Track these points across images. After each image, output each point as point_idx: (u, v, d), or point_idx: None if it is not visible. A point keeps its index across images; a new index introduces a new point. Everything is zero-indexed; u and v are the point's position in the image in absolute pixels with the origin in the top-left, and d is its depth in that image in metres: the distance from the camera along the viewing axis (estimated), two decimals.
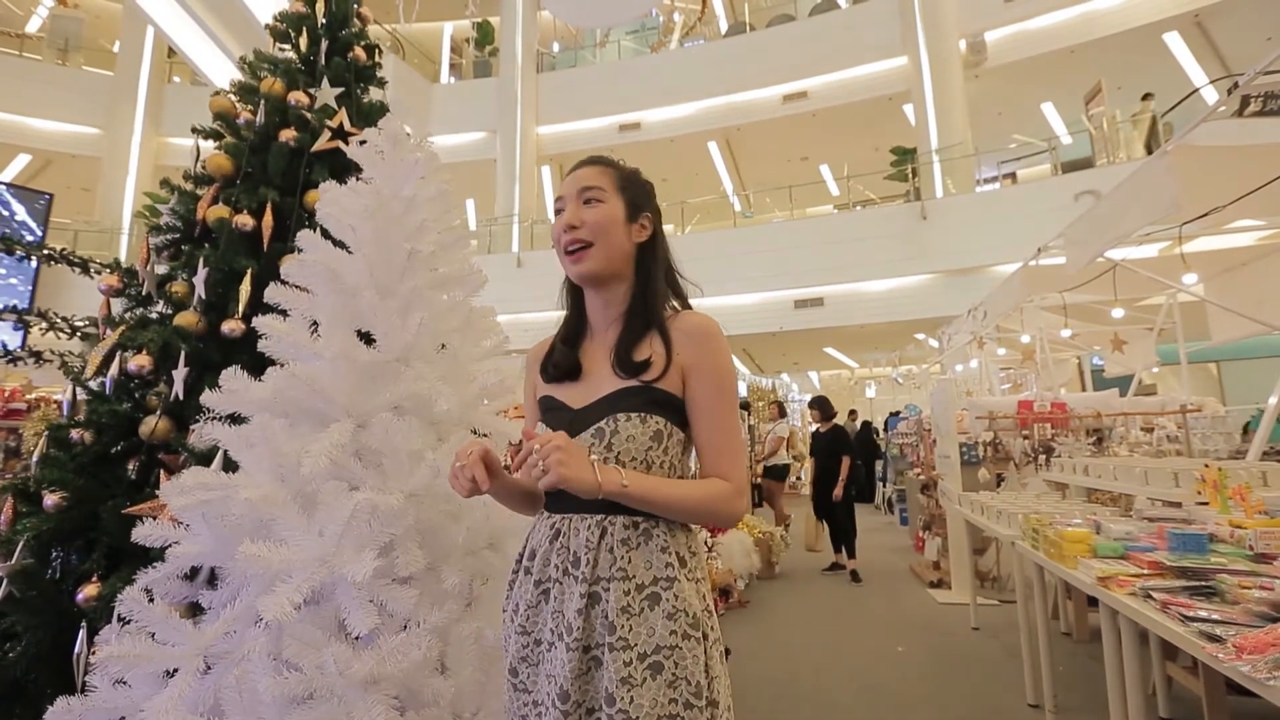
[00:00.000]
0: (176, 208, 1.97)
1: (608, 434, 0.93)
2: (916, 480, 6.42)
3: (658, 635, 0.86)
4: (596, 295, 1.04)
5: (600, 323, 1.05)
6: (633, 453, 0.92)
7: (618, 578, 0.89)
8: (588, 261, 0.99)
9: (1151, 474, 2.80)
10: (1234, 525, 1.95)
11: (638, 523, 0.92)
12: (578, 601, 0.88)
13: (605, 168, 1.05)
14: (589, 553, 0.90)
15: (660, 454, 0.94)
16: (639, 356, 0.96)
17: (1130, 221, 3.06)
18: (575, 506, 0.93)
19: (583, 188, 1.01)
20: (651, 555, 0.91)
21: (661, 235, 1.07)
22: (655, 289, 1.02)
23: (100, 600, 1.45)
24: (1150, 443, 4.61)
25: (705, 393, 0.96)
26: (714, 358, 0.97)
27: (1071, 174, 9.56)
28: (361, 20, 2.44)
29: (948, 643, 3.75)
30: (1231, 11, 9.36)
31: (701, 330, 0.98)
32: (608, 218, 1.00)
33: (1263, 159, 2.85)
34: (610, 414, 0.93)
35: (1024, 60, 10.79)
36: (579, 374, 1.01)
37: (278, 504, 1.16)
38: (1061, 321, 5.55)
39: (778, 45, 12.45)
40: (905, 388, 12.14)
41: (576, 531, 0.92)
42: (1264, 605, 1.36)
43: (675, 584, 0.89)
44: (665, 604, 0.88)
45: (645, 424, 0.92)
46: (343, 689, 1.04)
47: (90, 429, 1.69)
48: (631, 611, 0.87)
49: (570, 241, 0.99)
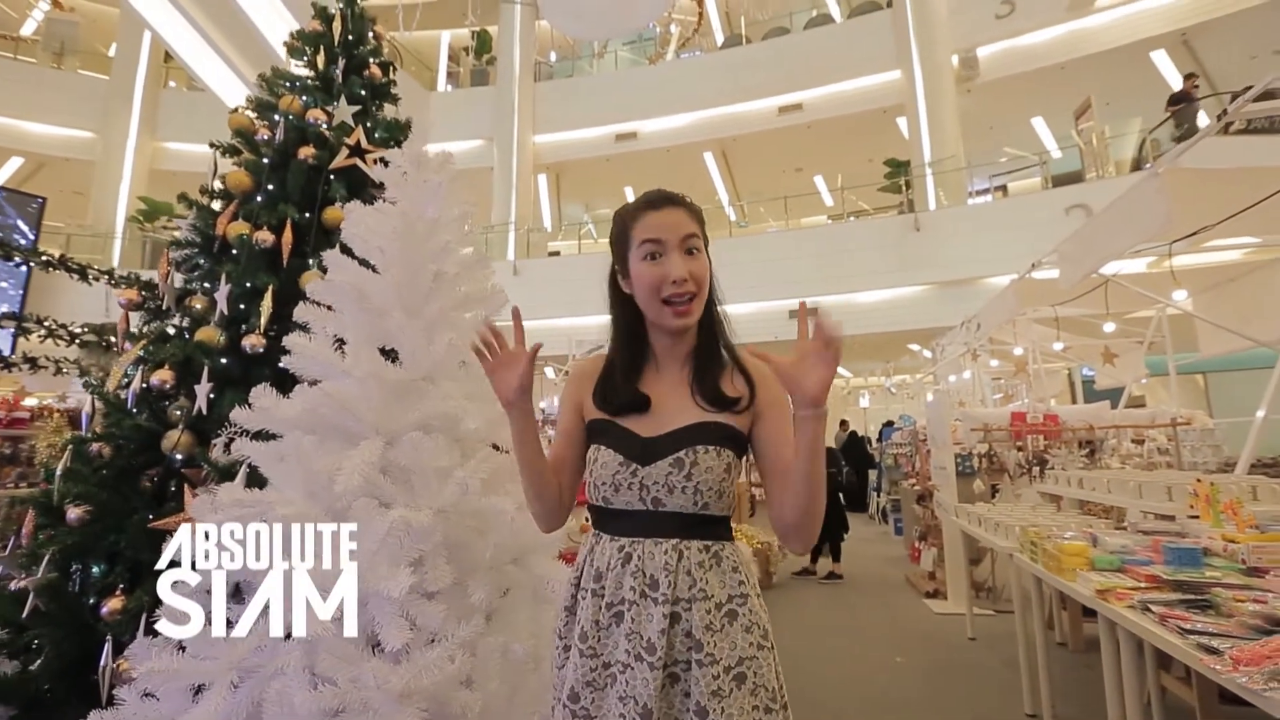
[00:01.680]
0: (196, 222, 2.00)
1: (687, 464, 0.97)
2: (912, 491, 6.48)
3: (739, 648, 0.93)
4: (669, 336, 1.05)
5: (667, 356, 1.07)
6: (710, 482, 0.97)
7: (699, 598, 0.94)
8: (692, 315, 1.01)
9: (1145, 488, 2.87)
10: (1227, 539, 2.01)
11: (709, 545, 0.97)
12: (660, 622, 0.92)
13: (694, 213, 1.06)
14: (668, 575, 0.94)
15: (729, 484, 1.00)
16: (729, 392, 1.01)
17: (1123, 240, 3.14)
18: (645, 531, 0.97)
19: (686, 235, 1.01)
20: (725, 575, 0.97)
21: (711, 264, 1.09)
22: (726, 326, 1.08)
23: (124, 614, 1.48)
24: (1141, 455, 4.69)
25: (783, 425, 1.01)
26: (783, 393, 1.02)
27: (1062, 188, 9.71)
28: (377, 38, 2.49)
29: (945, 653, 3.79)
30: (1216, 31, 9.58)
31: (768, 371, 1.02)
32: (706, 270, 1.03)
33: (1248, 180, 2.94)
34: (689, 445, 0.97)
35: (1015, 75, 10.98)
36: (648, 406, 1.03)
37: (310, 520, 1.19)
38: (1054, 334, 5.64)
39: (773, 58, 12.60)
40: (899, 398, 12.24)
41: (651, 555, 0.96)
42: (1258, 619, 1.41)
43: (747, 600, 0.97)
44: (742, 619, 0.95)
45: (720, 457, 0.98)
46: (378, 702, 1.07)
47: (111, 442, 1.71)
48: (715, 629, 0.93)
49: (679, 294, 1.00)
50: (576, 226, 15.42)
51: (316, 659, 1.13)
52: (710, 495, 0.97)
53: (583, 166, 14.52)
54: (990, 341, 6.31)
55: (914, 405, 11.40)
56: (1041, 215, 8.95)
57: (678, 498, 0.97)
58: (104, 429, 1.70)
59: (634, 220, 1.04)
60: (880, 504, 9.55)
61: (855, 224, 11.87)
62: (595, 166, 14.41)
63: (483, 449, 1.44)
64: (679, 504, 0.97)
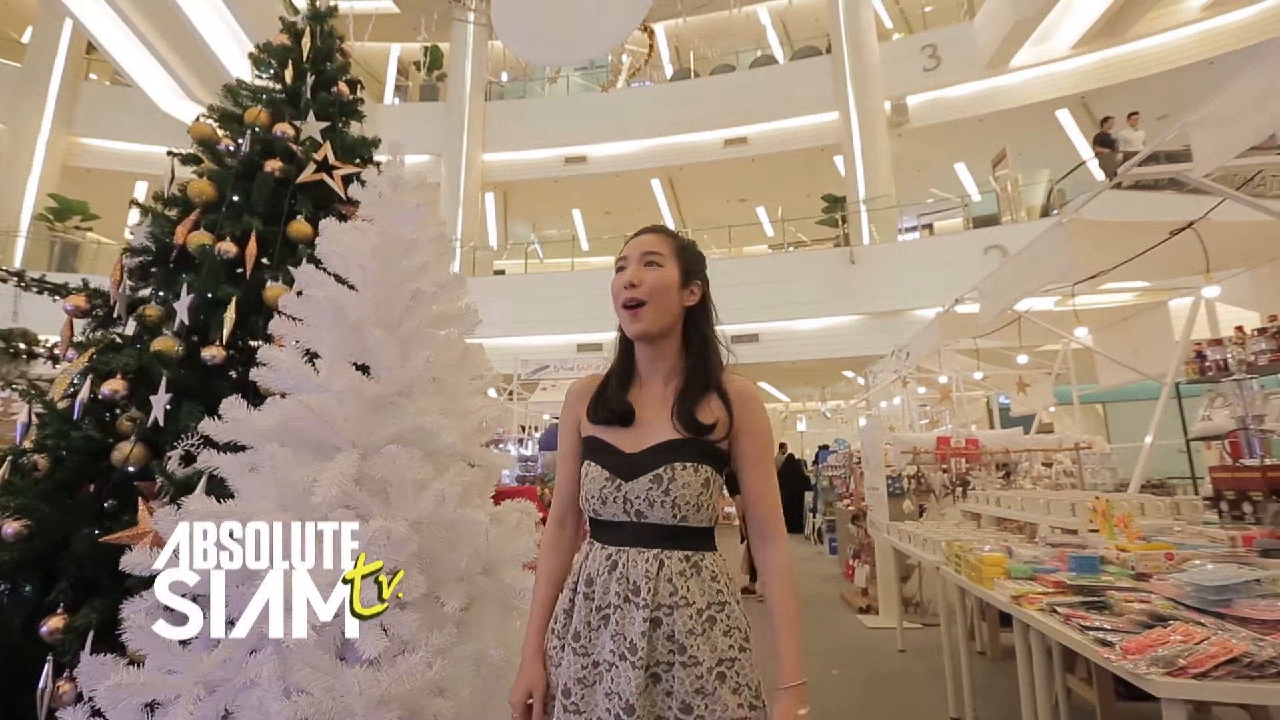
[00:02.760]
0: (152, 229, 1.96)
1: (665, 480, 1.04)
2: (846, 511, 6.77)
3: (719, 650, 1.00)
4: (645, 349, 1.14)
5: (649, 374, 1.15)
6: (687, 497, 1.04)
7: (680, 605, 1.01)
8: (641, 321, 1.09)
9: (1053, 505, 3.16)
10: (1119, 549, 2.26)
11: (689, 555, 1.04)
12: (641, 625, 0.99)
13: (666, 236, 1.16)
14: (649, 582, 1.01)
15: (708, 498, 1.06)
16: (703, 418, 1.07)
17: (1034, 281, 3.49)
18: (631, 541, 1.05)
19: (645, 251, 1.12)
20: (705, 584, 1.04)
21: (710, 300, 1.18)
22: (712, 352, 1.14)
23: (68, 633, 1.42)
24: (1050, 476, 5.11)
25: (757, 451, 1.10)
26: (762, 419, 1.12)
27: (981, 229, 10.54)
28: (344, 55, 2.51)
29: (878, 664, 3.99)
30: (1110, 96, 10.72)
31: (751, 395, 1.12)
32: (663, 281, 1.11)
33: (1138, 231, 3.34)
34: (668, 462, 1.05)
35: (940, 124, 11.90)
36: (632, 419, 1.11)
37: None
38: (974, 364, 6.09)
39: (720, 93, 13.14)
40: (833, 422, 12.74)
41: (635, 563, 1.03)
42: (1143, 615, 1.62)
43: (726, 606, 1.04)
44: (722, 623, 1.02)
45: (698, 473, 1.05)
46: (360, 709, 1.09)
47: (52, 454, 1.65)
48: (696, 633, 1.00)
49: (629, 299, 1.10)
50: (523, 246, 15.41)
51: (291, 669, 1.13)
52: (688, 509, 1.04)
53: (531, 187, 14.58)
54: (918, 370, 6.74)
55: (848, 430, 11.91)
56: (963, 253, 9.66)
57: (659, 510, 1.04)
58: (44, 439, 1.63)
59: (623, 247, 1.17)
60: (816, 525, 9.86)
61: (795, 255, 12.41)
62: (544, 187, 14.50)
63: (456, 463, 1.48)
64: (660, 516, 1.04)
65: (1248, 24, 9.52)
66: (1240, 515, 2.43)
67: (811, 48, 13.44)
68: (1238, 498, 2.49)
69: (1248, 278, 3.82)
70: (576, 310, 10.52)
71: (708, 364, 1.13)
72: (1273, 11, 9.28)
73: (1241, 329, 3.02)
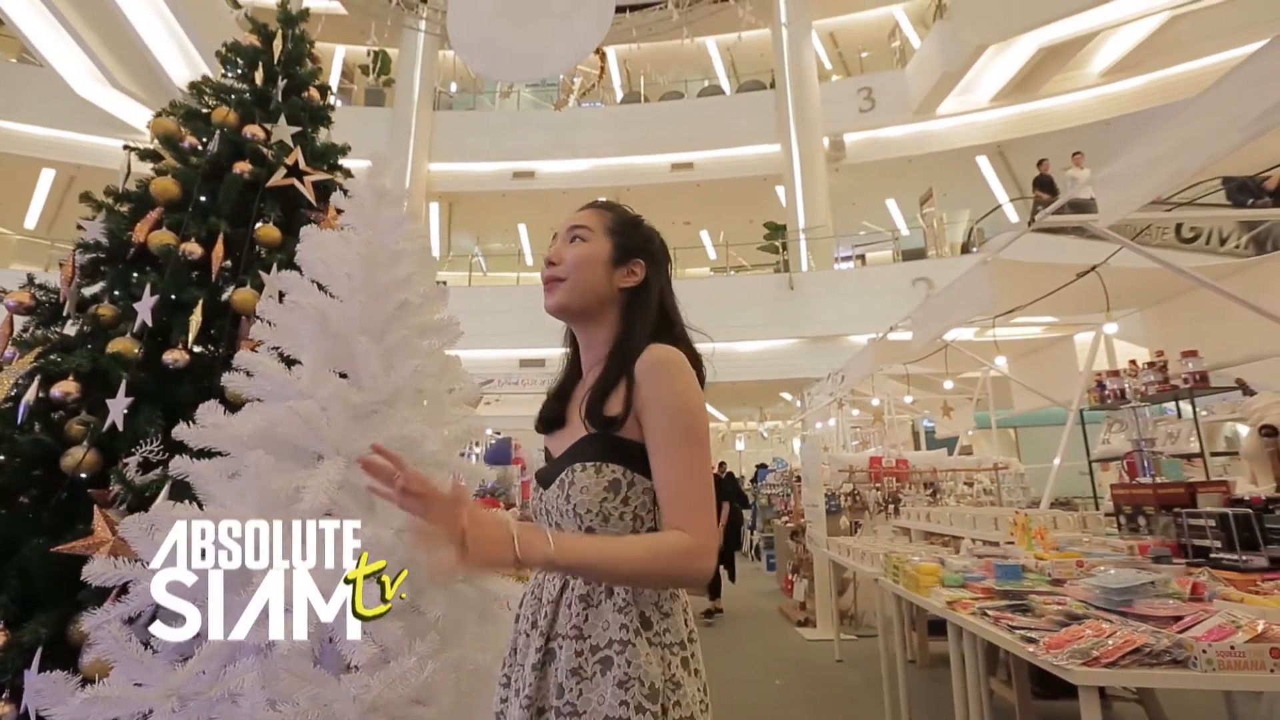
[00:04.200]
0: (108, 225, 1.88)
1: (567, 485, 0.89)
2: (785, 528, 7.00)
3: (606, 704, 0.79)
4: (580, 336, 1.02)
5: (587, 365, 1.01)
6: (588, 504, 0.86)
7: (571, 636, 0.83)
8: (555, 295, 0.96)
9: (977, 520, 3.42)
10: (1037, 558, 2.49)
11: None
12: (534, 657, 0.84)
13: (601, 210, 1.02)
14: (550, 606, 0.87)
15: (618, 504, 0.87)
16: (610, 411, 0.89)
17: (961, 313, 3.80)
18: None
19: (571, 226, 1.00)
20: (608, 615, 0.84)
21: (658, 284, 1.01)
22: (635, 336, 0.94)
23: (9, 650, 1.33)
24: (972, 495, 5.48)
25: (657, 428, 0.86)
26: (667, 388, 0.87)
27: (909, 262, 11.25)
28: (313, 60, 2.50)
29: (817, 675, 4.15)
30: (1021, 146, 11.76)
31: (656, 361, 0.89)
32: (587, 255, 0.96)
33: (1049, 273, 3.71)
34: (570, 464, 0.89)
35: (874, 161, 12.69)
36: (563, 423, 0.99)
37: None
38: (904, 389, 6.48)
39: (669, 119, 13.52)
40: (770, 442, 13.12)
41: (548, 584, 0.90)
42: (1060, 615, 1.82)
43: (629, 648, 0.81)
44: (617, 670, 0.80)
45: (600, 474, 0.87)
46: (351, 718, 1.10)
47: None
48: (583, 675, 0.82)
49: (547, 276, 0.98)
50: (467, 257, 15.19)
51: (274, 678, 1.12)
52: (592, 518, 0.87)
53: (478, 199, 14.46)
54: (852, 393, 7.10)
55: (784, 449, 12.30)
56: (893, 284, 10.28)
57: (568, 521, 0.89)
58: None
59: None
60: (754, 541, 10.10)
61: (737, 279, 12.82)
62: (490, 200, 14.41)
63: (439, 472, 1.50)
64: (572, 529, 0.88)
65: (1139, 91, 10.71)
66: (1136, 527, 2.72)
67: (756, 82, 14.06)
68: (1134, 512, 2.78)
69: (1140, 317, 4.30)
70: (520, 325, 10.44)
71: (626, 347, 0.93)
72: (1159, 81, 10.48)
73: (1134, 362, 3.40)
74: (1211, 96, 1.87)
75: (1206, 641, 1.44)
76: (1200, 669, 1.42)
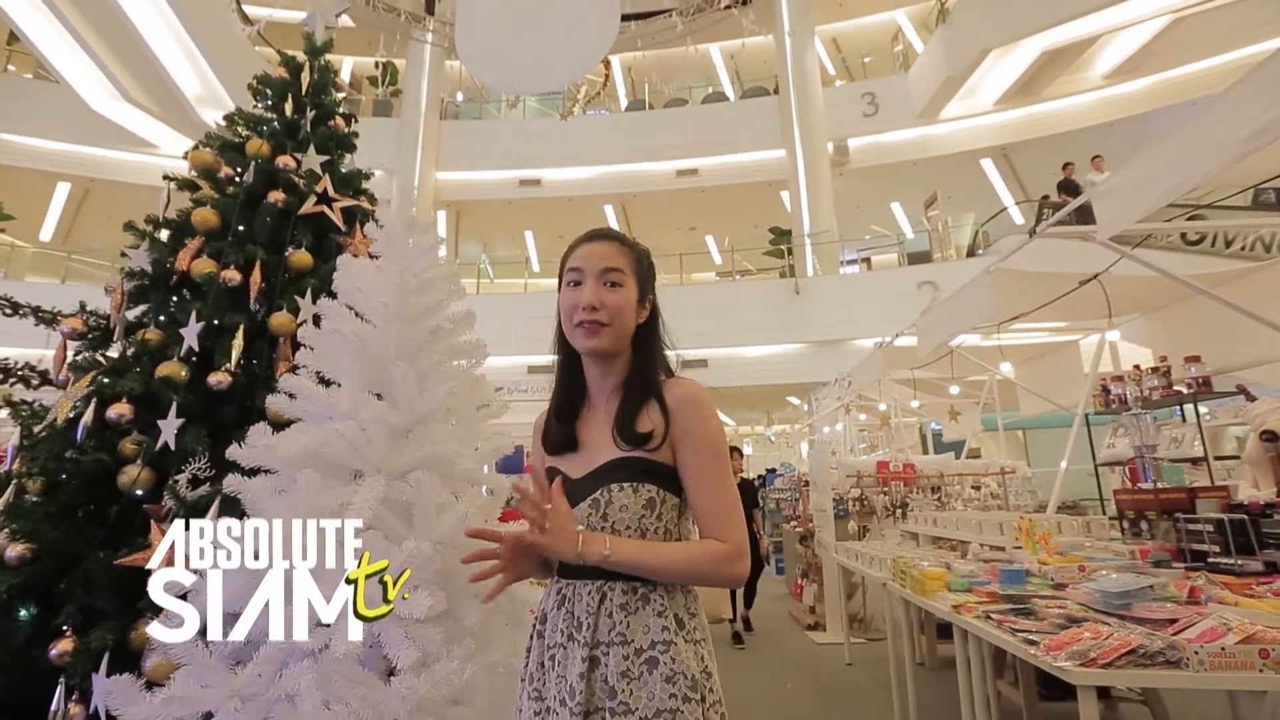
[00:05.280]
0: (152, 254, 1.99)
1: (603, 504, 0.98)
2: (794, 532, 7.06)
3: (657, 699, 0.89)
4: (595, 366, 1.08)
5: (598, 392, 1.08)
6: (627, 521, 0.97)
7: (617, 642, 0.92)
8: (601, 340, 1.02)
9: (983, 524, 3.49)
10: (1041, 562, 2.57)
11: (635, 587, 0.96)
12: (579, 666, 0.91)
13: (624, 248, 1.08)
14: (589, 617, 0.94)
15: (653, 520, 0.98)
16: (641, 428, 0.99)
17: (966, 320, 3.88)
18: (578, 573, 0.98)
19: (605, 268, 1.03)
20: (649, 619, 0.94)
21: (658, 311, 1.12)
22: (654, 363, 1.07)
23: (78, 655, 1.43)
24: (979, 499, 5.54)
25: (697, 461, 0.99)
26: (702, 425, 1.00)
27: (915, 265, 11.29)
28: (338, 89, 2.61)
29: (828, 678, 4.22)
30: (1025, 149, 11.82)
31: (690, 399, 1.01)
32: (626, 303, 1.03)
33: (1053, 281, 3.79)
34: (605, 484, 0.98)
35: (878, 165, 12.76)
36: (576, 445, 1.06)
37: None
38: (911, 393, 6.54)
39: (674, 125, 13.63)
40: (778, 446, 13.17)
41: (580, 597, 0.97)
42: (1061, 618, 1.89)
43: (672, 647, 0.92)
44: (663, 667, 0.91)
45: (638, 493, 0.97)
46: (404, 715, 1.19)
47: (49, 476, 1.65)
48: (631, 676, 0.91)
49: (590, 320, 1.02)
50: (474, 266, 15.34)
51: (331, 681, 1.22)
52: (630, 534, 0.97)
53: (484, 207, 14.60)
54: (860, 397, 7.16)
55: (791, 454, 12.36)
56: (899, 287, 10.32)
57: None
58: (45, 462, 1.63)
59: (570, 252, 1.09)
60: (763, 546, 10.14)
61: (742, 284, 12.90)
62: (497, 208, 14.56)
63: (472, 489, 1.59)
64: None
65: (1142, 93, 10.74)
66: (1139, 532, 2.78)
67: (760, 88, 14.17)
68: (1136, 516, 2.85)
69: (1143, 322, 4.36)
70: (527, 331, 10.44)
71: (646, 372, 1.05)
72: (1163, 84, 10.52)
73: (1138, 367, 3.46)
74: (1210, 111, 1.93)
75: (1199, 643, 1.51)
76: (1193, 669, 1.50)
